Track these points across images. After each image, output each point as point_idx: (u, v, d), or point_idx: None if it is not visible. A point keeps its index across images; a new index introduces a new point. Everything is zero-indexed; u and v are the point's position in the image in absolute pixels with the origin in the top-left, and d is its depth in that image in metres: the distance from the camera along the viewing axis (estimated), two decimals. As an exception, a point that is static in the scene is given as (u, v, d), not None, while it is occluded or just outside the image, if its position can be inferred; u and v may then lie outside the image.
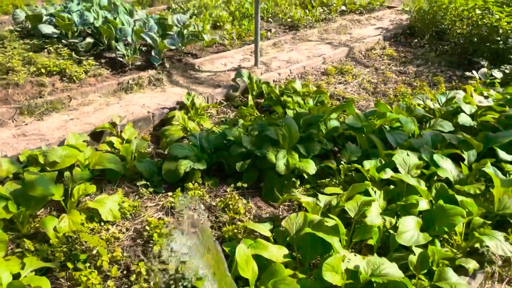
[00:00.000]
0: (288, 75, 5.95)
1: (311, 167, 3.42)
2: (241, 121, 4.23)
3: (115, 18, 6.58)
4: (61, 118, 4.63)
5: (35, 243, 2.81)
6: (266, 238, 2.79)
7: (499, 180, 3.13)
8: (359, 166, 3.38)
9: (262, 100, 5.06)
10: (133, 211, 3.25)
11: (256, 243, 2.58)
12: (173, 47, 6.18)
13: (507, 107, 4.40)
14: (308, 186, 3.52)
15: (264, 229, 2.81)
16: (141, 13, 7.30)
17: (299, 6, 9.73)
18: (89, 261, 2.74)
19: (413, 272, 2.52)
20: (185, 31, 6.64)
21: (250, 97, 4.82)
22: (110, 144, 3.96)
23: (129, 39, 6.22)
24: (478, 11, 6.39)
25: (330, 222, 2.72)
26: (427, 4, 8.01)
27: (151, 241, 2.91)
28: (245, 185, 3.53)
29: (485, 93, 5.07)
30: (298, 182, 3.54)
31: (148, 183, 3.55)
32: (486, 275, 2.62)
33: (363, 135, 3.92)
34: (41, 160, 3.34)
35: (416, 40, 7.89)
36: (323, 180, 3.49)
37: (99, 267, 2.69)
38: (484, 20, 6.25)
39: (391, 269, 2.41)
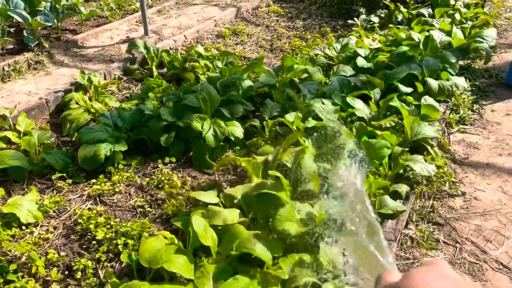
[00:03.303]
0: (184, 41, 5.72)
1: (238, 131, 3.40)
2: (151, 94, 3.97)
3: (-34, -3, 5.58)
4: None
5: None
6: (214, 205, 2.72)
7: (406, 110, 3.46)
8: (284, 119, 3.45)
9: (165, 70, 4.80)
10: (56, 207, 2.91)
11: (208, 211, 2.51)
12: (48, 24, 5.47)
13: (393, 47, 4.84)
14: (237, 148, 3.50)
15: (211, 196, 2.74)
16: (-2, -11, 6.28)
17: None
18: (20, 270, 2.41)
19: (357, 206, 2.70)
20: (57, 5, 5.92)
21: (153, 68, 4.54)
22: (5, 139, 3.44)
23: (-8, 19, 5.35)
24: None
25: (272, 178, 2.75)
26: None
27: (88, 234, 2.65)
28: (173, 159, 3.38)
29: (371, 37, 5.49)
30: (227, 145, 3.50)
31: (64, 175, 3.19)
32: (416, 195, 2.93)
33: (278, 91, 3.98)
34: None
35: (295, -5, 8.13)
36: (252, 140, 3.50)
37: (34, 274, 2.38)
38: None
39: (340, 208, 2.55)
